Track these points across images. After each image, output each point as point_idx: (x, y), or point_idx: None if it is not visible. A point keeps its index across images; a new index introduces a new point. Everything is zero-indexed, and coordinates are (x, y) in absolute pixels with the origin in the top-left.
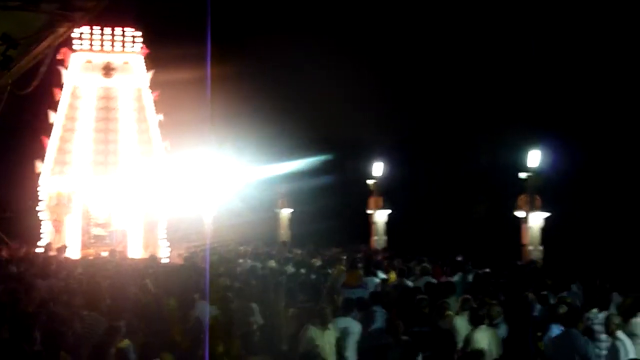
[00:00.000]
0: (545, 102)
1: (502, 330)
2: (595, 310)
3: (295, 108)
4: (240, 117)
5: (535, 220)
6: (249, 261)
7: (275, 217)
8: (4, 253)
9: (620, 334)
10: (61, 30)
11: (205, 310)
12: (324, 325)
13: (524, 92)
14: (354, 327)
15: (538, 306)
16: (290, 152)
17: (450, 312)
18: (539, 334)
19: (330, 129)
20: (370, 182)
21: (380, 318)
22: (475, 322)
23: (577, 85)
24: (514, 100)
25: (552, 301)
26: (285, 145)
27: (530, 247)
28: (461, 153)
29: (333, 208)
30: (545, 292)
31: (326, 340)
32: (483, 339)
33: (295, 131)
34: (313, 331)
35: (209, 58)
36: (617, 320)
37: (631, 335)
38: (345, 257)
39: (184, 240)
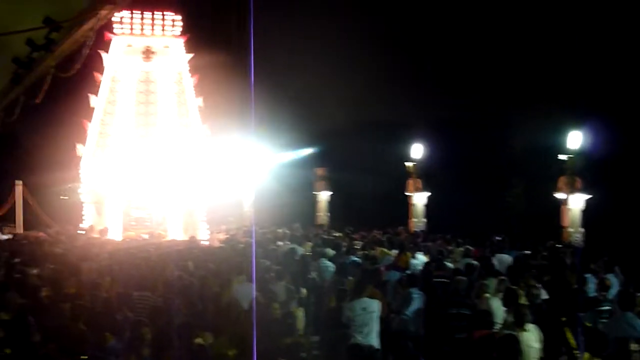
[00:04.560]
0: (586, 82)
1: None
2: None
3: (333, 89)
4: (277, 98)
5: (576, 202)
6: (287, 243)
7: (314, 200)
8: (48, 234)
9: None
10: (103, 13)
11: (249, 291)
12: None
13: (565, 72)
14: (373, 305)
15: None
16: (328, 133)
17: (487, 294)
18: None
19: (368, 111)
20: (409, 164)
21: (416, 300)
22: (508, 304)
23: (617, 62)
24: (555, 80)
25: (592, 284)
26: (323, 127)
27: (571, 229)
28: (501, 134)
29: (372, 190)
30: (586, 275)
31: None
32: None
33: (333, 113)
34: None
35: (252, 42)
36: None
37: None
38: (384, 240)
39: (223, 223)
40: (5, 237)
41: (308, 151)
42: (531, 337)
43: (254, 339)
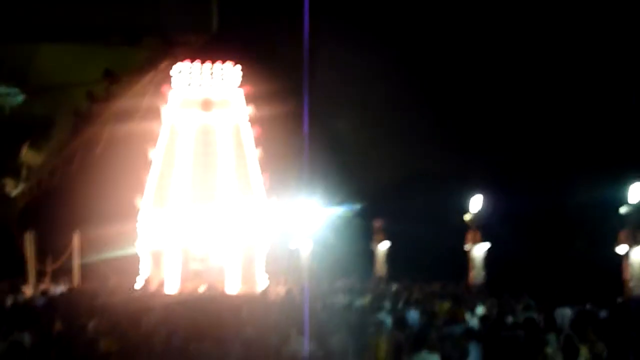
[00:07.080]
0: None
1: None
2: None
3: (393, 141)
4: (336, 150)
5: (638, 255)
6: (345, 296)
7: (372, 252)
8: (104, 287)
9: None
10: (162, 65)
11: (304, 345)
12: None
13: (625, 125)
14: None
15: None
16: (386, 185)
17: (548, 349)
18: None
19: (428, 162)
20: (467, 216)
21: (474, 354)
22: (568, 358)
23: None
24: (614, 134)
25: None
26: (382, 178)
27: (632, 283)
28: (561, 187)
29: (430, 242)
30: None
31: None
32: None
33: (392, 164)
34: None
35: (306, 92)
36: None
37: None
38: (444, 293)
39: (281, 274)
40: (60, 289)
41: (366, 203)
42: None
43: None
